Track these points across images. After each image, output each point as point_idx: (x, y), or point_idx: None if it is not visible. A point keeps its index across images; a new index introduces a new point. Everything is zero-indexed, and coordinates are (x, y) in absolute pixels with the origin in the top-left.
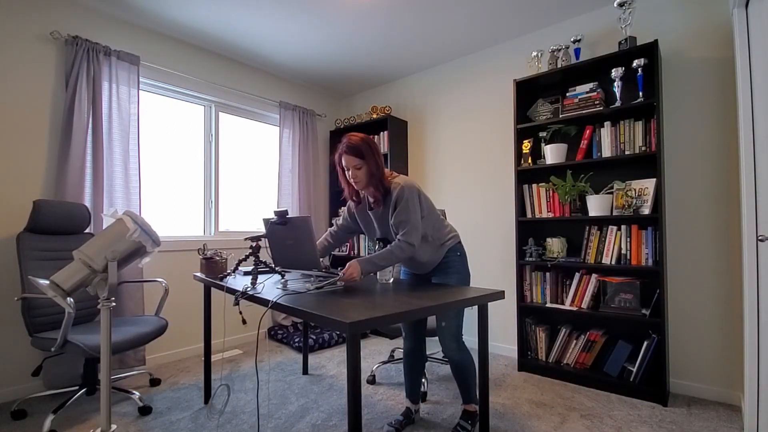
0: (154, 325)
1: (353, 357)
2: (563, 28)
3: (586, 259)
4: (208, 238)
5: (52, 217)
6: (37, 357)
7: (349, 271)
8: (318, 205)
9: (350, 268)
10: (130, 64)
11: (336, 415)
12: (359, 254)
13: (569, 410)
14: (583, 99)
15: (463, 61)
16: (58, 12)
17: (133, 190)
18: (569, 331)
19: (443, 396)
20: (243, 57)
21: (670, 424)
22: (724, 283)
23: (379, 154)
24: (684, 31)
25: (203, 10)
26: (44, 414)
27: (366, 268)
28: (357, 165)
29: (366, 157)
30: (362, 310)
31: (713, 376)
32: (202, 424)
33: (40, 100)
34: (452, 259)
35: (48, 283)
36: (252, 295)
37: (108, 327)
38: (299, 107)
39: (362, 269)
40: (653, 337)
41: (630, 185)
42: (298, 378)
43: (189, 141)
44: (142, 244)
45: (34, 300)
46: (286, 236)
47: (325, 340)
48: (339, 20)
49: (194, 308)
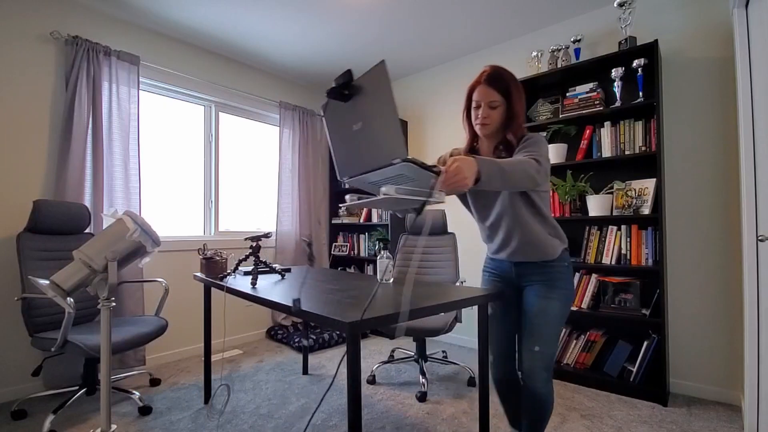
0: (154, 325)
1: (353, 357)
2: (563, 28)
3: (586, 259)
4: (208, 238)
5: (52, 217)
6: (37, 357)
7: (454, 166)
8: (318, 205)
9: (458, 162)
10: (130, 64)
11: (336, 415)
12: (359, 254)
13: (569, 410)
14: (583, 99)
15: (463, 61)
16: (58, 12)
17: (133, 190)
18: (569, 331)
19: (443, 396)
20: (243, 57)
21: (670, 424)
22: (724, 283)
23: (523, 96)
24: (684, 31)
25: (203, 10)
26: (44, 414)
27: (485, 167)
28: (495, 102)
29: (512, 94)
30: (362, 310)
31: (713, 376)
32: (202, 424)
33: (40, 100)
34: (562, 269)
35: (48, 283)
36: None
37: (108, 327)
38: (299, 107)
39: (479, 167)
40: (653, 337)
41: (630, 185)
42: (298, 378)
43: (189, 141)
44: (142, 244)
45: (34, 300)
46: (351, 118)
47: (325, 340)
48: (339, 20)
49: (194, 308)
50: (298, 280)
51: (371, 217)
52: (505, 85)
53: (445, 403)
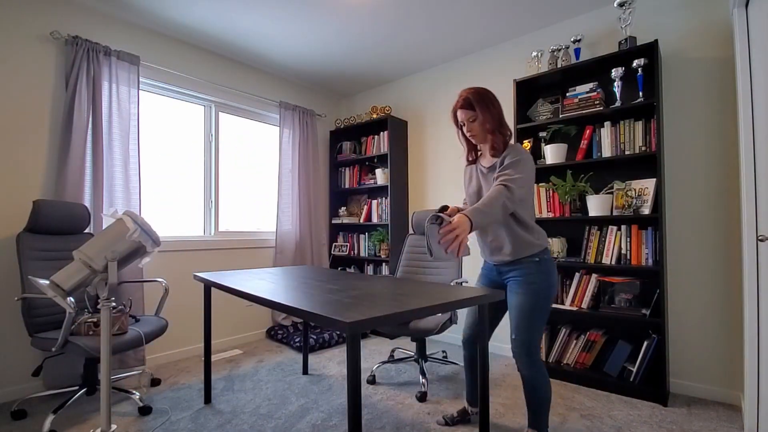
0: (154, 325)
1: (353, 357)
2: (563, 28)
3: (586, 259)
4: (208, 238)
5: (51, 217)
6: (37, 357)
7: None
8: (318, 205)
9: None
10: (130, 64)
11: (336, 415)
12: (359, 254)
13: (569, 410)
14: (583, 99)
15: (463, 61)
16: (58, 12)
17: (133, 190)
18: (569, 331)
19: (443, 396)
20: (243, 57)
21: (670, 424)
22: (724, 283)
23: (493, 104)
24: (684, 31)
25: (203, 10)
26: (44, 414)
27: (475, 217)
28: (471, 117)
29: (479, 106)
30: (362, 310)
31: (713, 376)
32: (202, 424)
33: (40, 100)
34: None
35: (48, 283)
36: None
37: (108, 327)
38: (299, 107)
39: (472, 219)
40: (653, 337)
41: (630, 185)
42: (298, 378)
43: (189, 141)
44: (142, 244)
45: (34, 300)
46: None
47: (325, 340)
48: (339, 20)
49: (194, 308)
50: (298, 278)
51: (371, 217)
52: (470, 103)
53: (445, 403)
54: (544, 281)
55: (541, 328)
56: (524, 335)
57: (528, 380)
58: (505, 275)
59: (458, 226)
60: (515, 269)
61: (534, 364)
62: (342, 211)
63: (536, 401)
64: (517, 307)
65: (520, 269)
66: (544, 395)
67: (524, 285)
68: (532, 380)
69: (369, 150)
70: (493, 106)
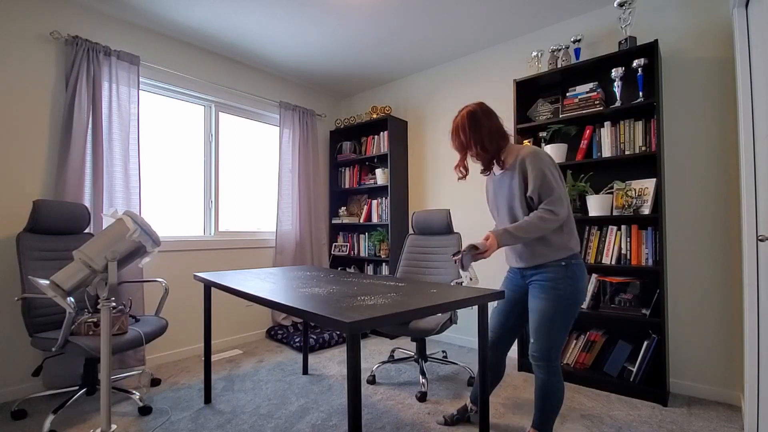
0: (154, 325)
1: (353, 357)
2: (563, 28)
3: (586, 259)
4: (208, 238)
5: (51, 217)
6: (37, 357)
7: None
8: (318, 205)
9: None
10: (130, 64)
11: (336, 415)
12: (359, 254)
13: (569, 410)
14: (583, 99)
15: (463, 61)
16: (58, 12)
17: (133, 190)
18: (569, 331)
19: (443, 396)
20: (243, 57)
21: (670, 424)
22: (724, 283)
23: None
24: (684, 31)
25: (203, 10)
26: (44, 414)
27: (503, 239)
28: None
29: (467, 134)
30: (362, 310)
31: (713, 376)
32: (202, 424)
33: (40, 100)
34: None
35: (48, 283)
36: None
37: (108, 327)
38: (299, 107)
39: (499, 241)
40: (653, 337)
41: (630, 185)
42: (298, 378)
43: (189, 141)
44: (142, 244)
45: (34, 300)
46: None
47: (325, 340)
48: (339, 20)
49: (194, 308)
50: (298, 278)
51: (371, 217)
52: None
53: (445, 403)
54: (570, 286)
55: (563, 334)
56: (543, 341)
57: (543, 384)
58: (528, 278)
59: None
60: (539, 273)
61: (552, 370)
62: (342, 211)
63: (548, 405)
64: (537, 312)
65: (544, 273)
66: (557, 401)
67: (548, 290)
68: (548, 384)
69: (369, 150)
70: (481, 125)
